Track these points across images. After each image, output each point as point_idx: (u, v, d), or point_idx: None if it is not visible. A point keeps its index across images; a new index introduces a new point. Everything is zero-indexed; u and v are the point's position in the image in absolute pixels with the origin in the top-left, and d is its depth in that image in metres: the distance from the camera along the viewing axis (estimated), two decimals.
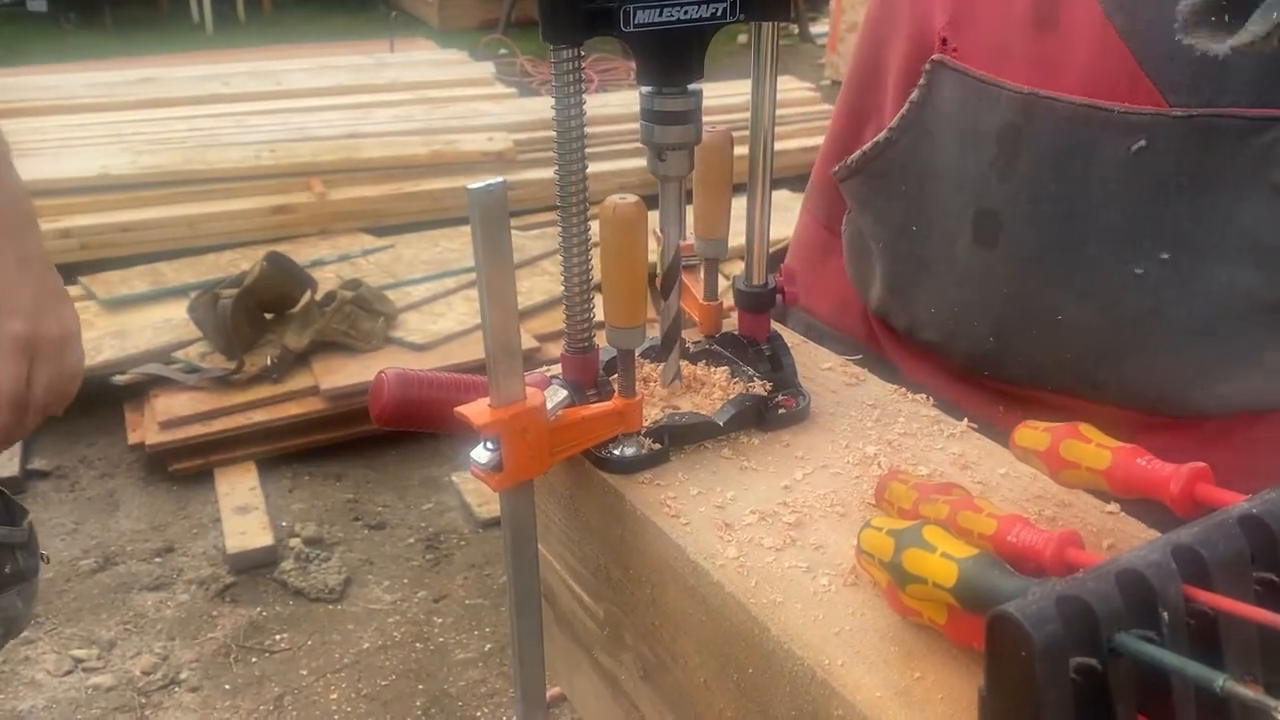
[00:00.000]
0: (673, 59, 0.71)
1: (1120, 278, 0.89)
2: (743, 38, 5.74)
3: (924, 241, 0.98)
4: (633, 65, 0.76)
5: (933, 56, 0.93)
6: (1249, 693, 0.43)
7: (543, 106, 4.91)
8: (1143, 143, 0.85)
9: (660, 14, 0.68)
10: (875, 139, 0.99)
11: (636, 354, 0.85)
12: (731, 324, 0.90)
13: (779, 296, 0.87)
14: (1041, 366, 0.94)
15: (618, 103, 4.83)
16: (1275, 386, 0.92)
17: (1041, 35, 0.87)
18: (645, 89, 0.74)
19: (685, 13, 0.69)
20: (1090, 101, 0.85)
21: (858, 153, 1.01)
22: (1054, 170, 0.89)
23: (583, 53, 0.68)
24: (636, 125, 0.75)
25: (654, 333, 0.83)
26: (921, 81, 0.94)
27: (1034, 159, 0.89)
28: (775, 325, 0.87)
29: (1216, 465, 0.64)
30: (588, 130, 0.72)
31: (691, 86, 0.73)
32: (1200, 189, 0.86)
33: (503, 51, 6.95)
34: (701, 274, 0.90)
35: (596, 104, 4.78)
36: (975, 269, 0.94)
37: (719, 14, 0.70)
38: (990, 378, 0.98)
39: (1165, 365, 0.92)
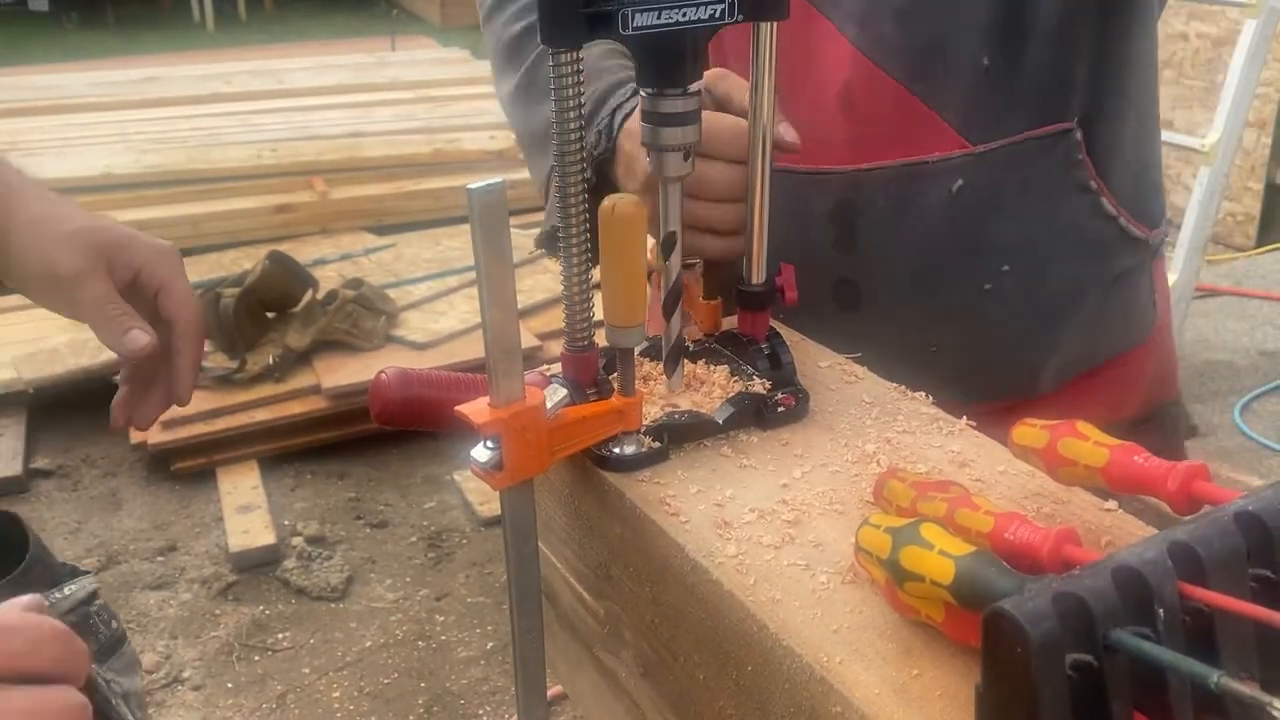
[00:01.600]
0: (672, 61, 0.71)
1: (973, 298, 1.02)
2: None
3: (792, 318, 1.02)
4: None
5: None
6: (1244, 689, 0.43)
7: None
8: (960, 182, 0.98)
9: (659, 16, 0.69)
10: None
11: (636, 352, 0.85)
12: (731, 322, 0.90)
13: (778, 295, 0.87)
14: (929, 390, 1.00)
15: None
16: (1104, 342, 1.10)
17: (851, 117, 0.99)
18: (645, 91, 0.74)
19: (683, 14, 0.69)
20: (908, 161, 0.98)
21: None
22: (889, 230, 1.01)
23: (581, 54, 0.68)
24: None
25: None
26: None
27: (870, 226, 1.01)
28: (774, 323, 0.88)
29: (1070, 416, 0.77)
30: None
31: (691, 87, 0.73)
32: (1020, 205, 1.00)
33: None
34: (699, 273, 0.90)
35: None
36: (845, 332, 1.02)
37: (717, 15, 0.71)
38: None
39: (1025, 359, 1.06)
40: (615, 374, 0.78)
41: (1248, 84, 3.04)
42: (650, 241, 0.76)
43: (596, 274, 0.74)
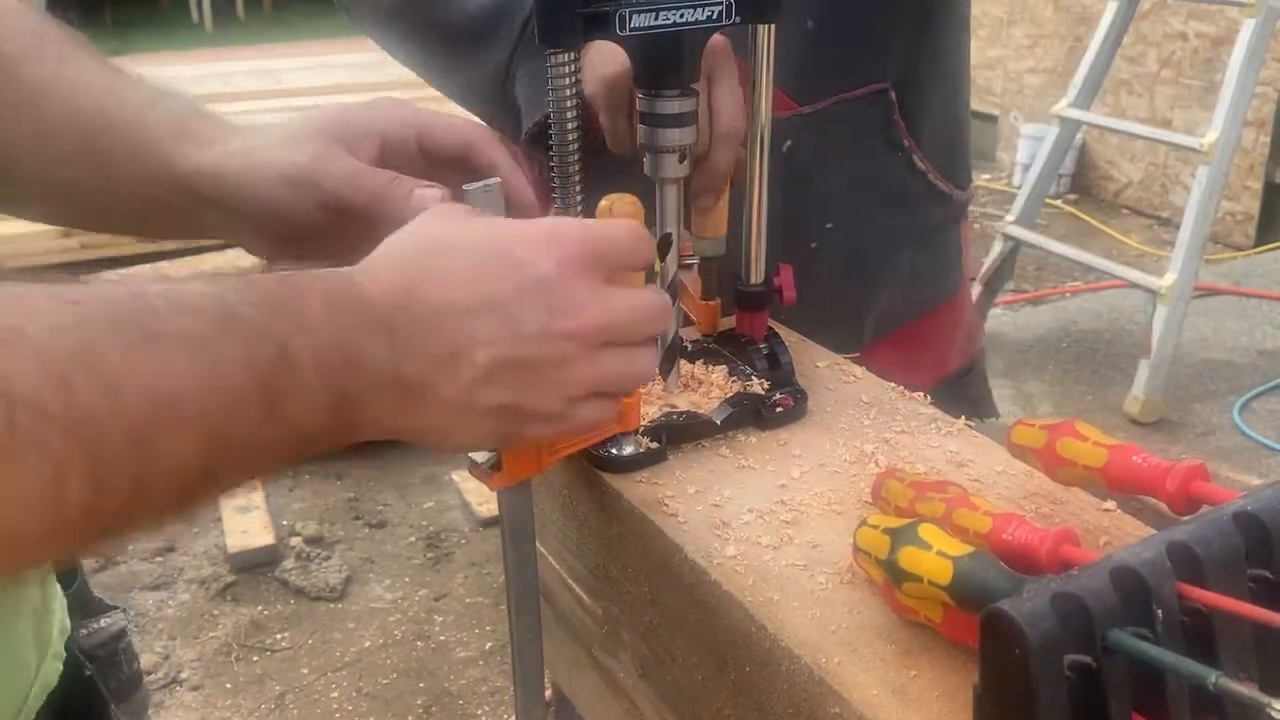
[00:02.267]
0: (669, 62, 0.71)
1: (803, 255, 1.02)
2: None
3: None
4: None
5: None
6: (1242, 689, 0.43)
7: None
8: (790, 142, 1.01)
9: (656, 18, 0.69)
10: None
11: None
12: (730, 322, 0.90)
13: (776, 295, 0.87)
14: None
15: None
16: (920, 295, 1.17)
17: None
18: (642, 92, 0.74)
19: (681, 16, 0.69)
20: None
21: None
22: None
23: (577, 54, 0.68)
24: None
25: None
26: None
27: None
28: (772, 324, 0.88)
29: (889, 372, 0.88)
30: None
31: (689, 88, 0.73)
32: (841, 162, 1.05)
33: None
34: (696, 273, 0.90)
35: None
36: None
37: (714, 17, 0.71)
38: None
39: (850, 314, 1.11)
40: None
41: (1246, 83, 3.04)
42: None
43: None
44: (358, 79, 5.63)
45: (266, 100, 5.21)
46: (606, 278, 0.60)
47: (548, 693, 0.86)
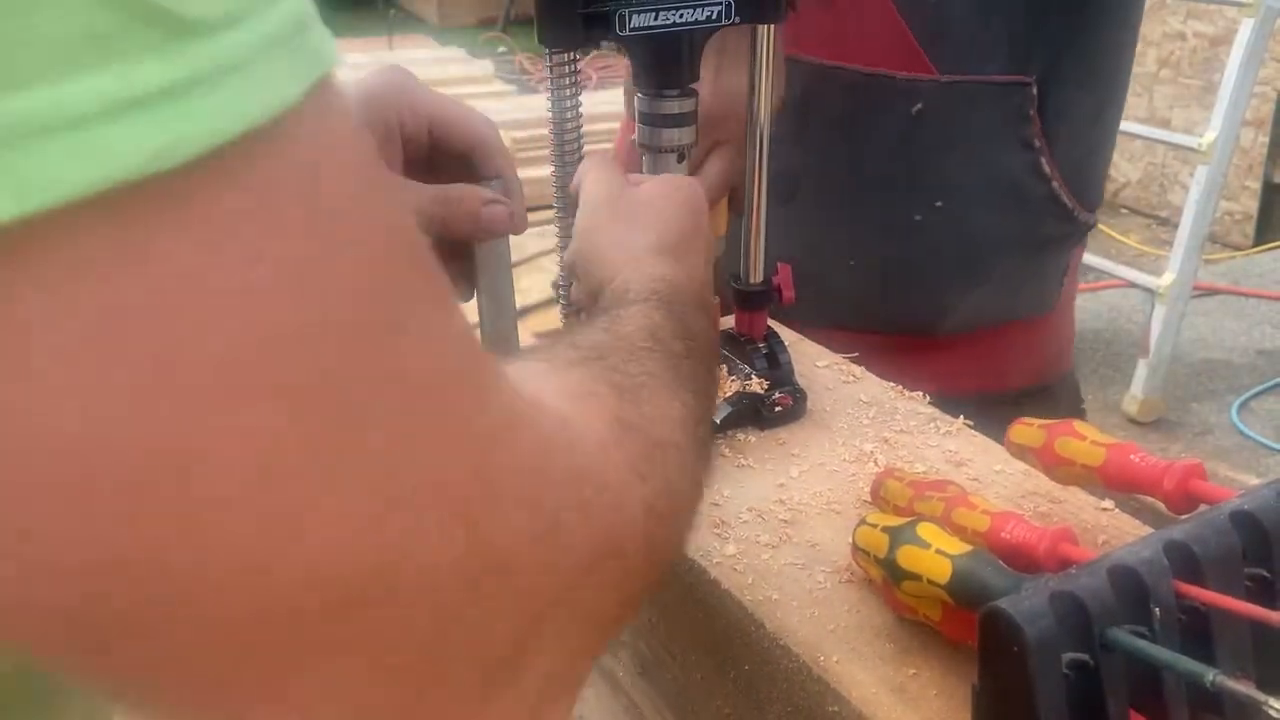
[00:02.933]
0: (669, 62, 0.71)
1: (902, 225, 1.03)
2: None
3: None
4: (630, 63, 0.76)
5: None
6: (1240, 687, 0.43)
7: (541, 104, 4.90)
8: (920, 106, 0.99)
9: (656, 18, 0.69)
10: None
11: None
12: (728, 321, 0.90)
13: (776, 294, 0.87)
14: (837, 306, 1.07)
15: (616, 100, 4.84)
16: (1011, 303, 1.12)
17: (826, 12, 1.00)
18: (642, 92, 0.74)
19: (681, 16, 0.69)
20: (875, 71, 0.99)
21: None
22: (843, 133, 1.02)
23: (578, 55, 0.69)
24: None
25: None
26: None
27: (825, 124, 1.02)
28: (772, 323, 0.88)
29: (959, 371, 0.92)
30: (586, 128, 0.72)
31: (689, 89, 0.73)
32: (967, 145, 1.02)
33: (501, 49, 6.95)
34: None
35: (595, 101, 4.78)
36: (773, 224, 1.04)
37: (714, 17, 0.71)
38: (790, 320, 1.09)
39: (936, 297, 1.09)
40: None
41: (1245, 83, 3.04)
42: None
43: None
44: (355, 78, 5.63)
45: None
46: None
47: None
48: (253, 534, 0.24)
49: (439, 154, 0.70)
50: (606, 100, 4.77)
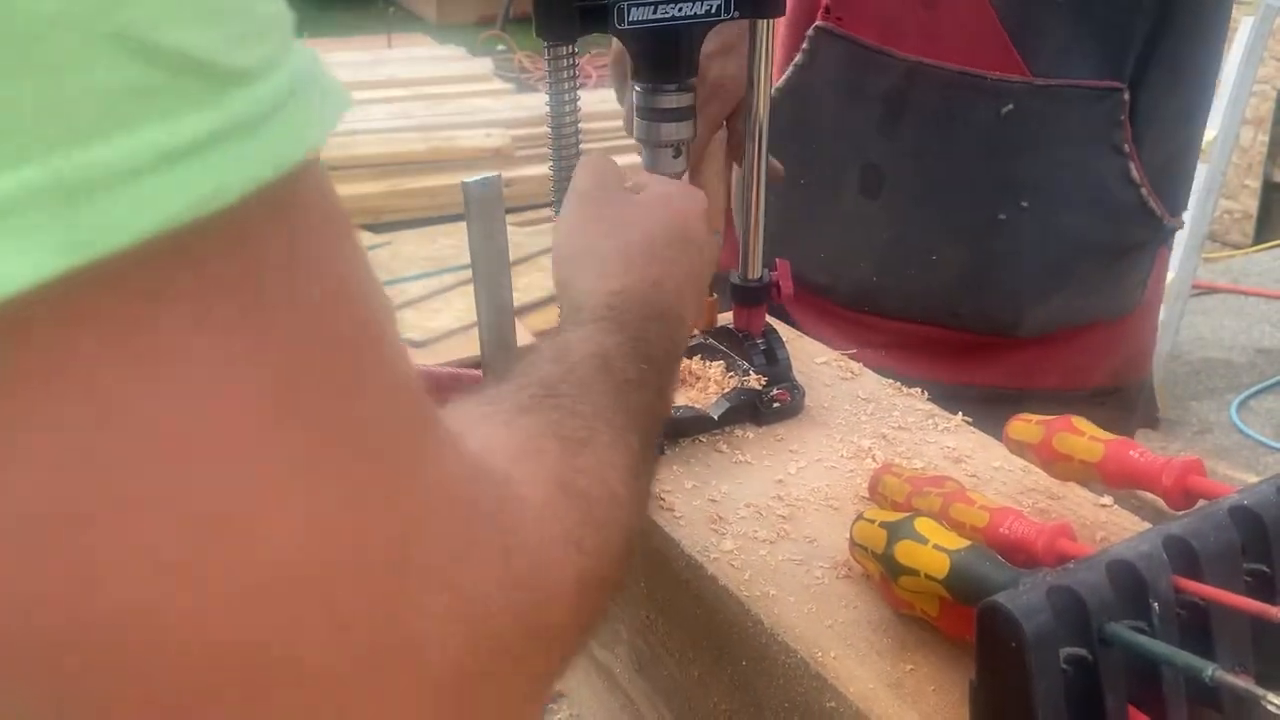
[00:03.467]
0: (667, 56, 0.71)
1: (987, 223, 1.04)
2: None
3: (811, 193, 1.09)
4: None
5: (816, 24, 1.04)
6: (1238, 682, 0.43)
7: (540, 102, 4.90)
8: (1011, 106, 1.00)
9: (654, 11, 0.68)
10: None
11: None
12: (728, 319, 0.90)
13: (774, 290, 0.87)
14: (914, 301, 1.09)
15: (615, 97, 4.84)
16: (1092, 305, 1.12)
17: (928, 10, 1.01)
18: (640, 86, 0.74)
19: (679, 9, 0.69)
20: (968, 70, 1.00)
21: None
22: (933, 130, 1.03)
23: (577, 49, 0.68)
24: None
25: None
26: (805, 47, 1.05)
27: (917, 120, 1.03)
28: (770, 319, 0.88)
29: (1036, 369, 0.96)
30: (584, 126, 0.72)
31: (687, 83, 0.73)
32: (1055, 147, 1.02)
33: (500, 47, 6.95)
34: None
35: (594, 99, 4.78)
36: (859, 217, 1.07)
37: (713, 10, 0.70)
38: (870, 313, 1.11)
39: (1016, 296, 1.08)
40: None
41: (1244, 81, 3.04)
42: None
43: None
44: (354, 77, 5.62)
45: None
46: None
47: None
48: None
49: None
50: (605, 99, 4.78)
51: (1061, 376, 1.13)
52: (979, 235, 1.05)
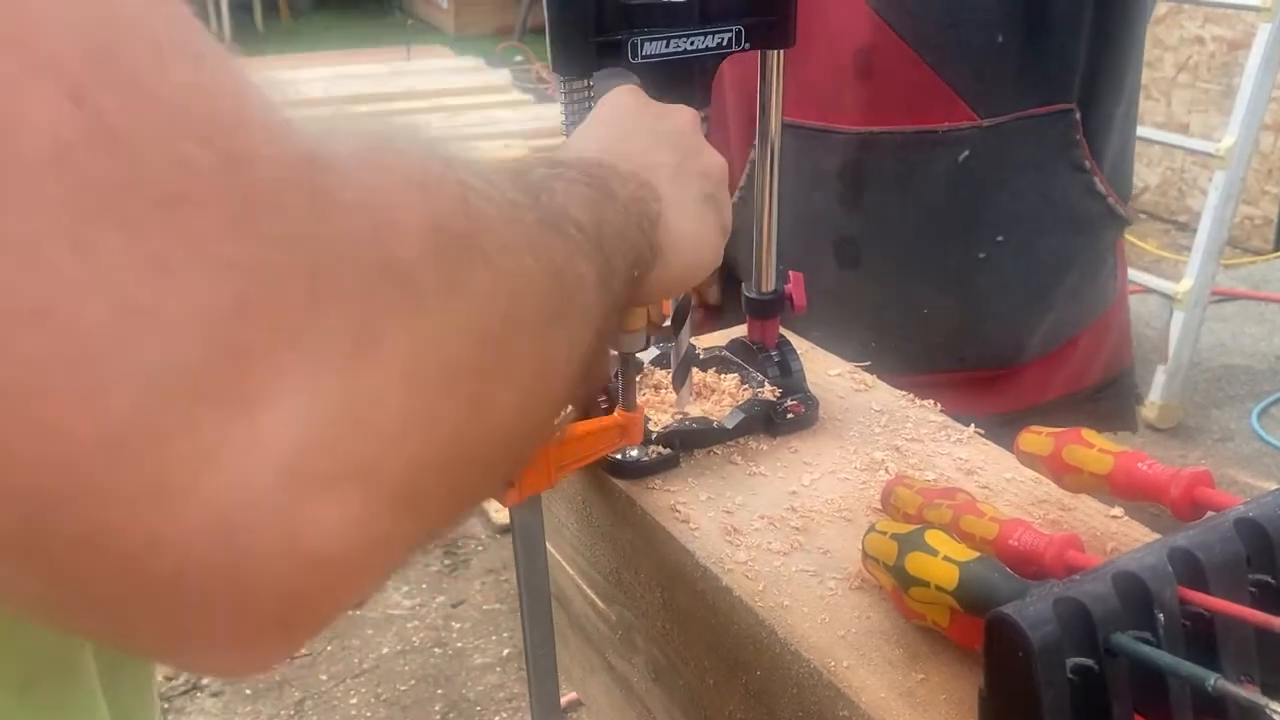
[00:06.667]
0: (680, 88, 0.72)
1: (967, 265, 1.06)
2: None
3: (789, 262, 1.08)
4: None
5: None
6: (1242, 692, 0.44)
7: (558, 113, 4.92)
8: (966, 152, 1.03)
9: (667, 45, 0.70)
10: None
11: (646, 362, 0.86)
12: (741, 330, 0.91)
13: (788, 303, 0.88)
14: (917, 355, 1.11)
15: None
16: (1080, 312, 1.15)
17: (864, 81, 1.03)
18: None
19: (691, 43, 0.71)
20: (919, 128, 1.02)
21: None
22: (895, 192, 1.05)
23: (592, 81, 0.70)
24: None
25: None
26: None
27: (877, 186, 1.05)
28: (783, 331, 0.89)
29: (1042, 387, 1.01)
30: None
31: (699, 114, 0.74)
32: (1019, 178, 1.05)
33: (518, 58, 6.98)
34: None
35: None
36: (844, 289, 1.09)
37: (725, 44, 0.72)
38: (877, 371, 1.10)
39: (1012, 328, 1.10)
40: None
41: (1263, 87, 3.03)
42: None
43: None
44: (374, 89, 5.66)
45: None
46: None
47: (568, 698, 0.87)
48: None
49: None
50: None
51: (1065, 384, 1.17)
52: (964, 279, 1.08)
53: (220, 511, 0.26)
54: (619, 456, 0.76)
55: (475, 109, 5.33)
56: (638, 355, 0.76)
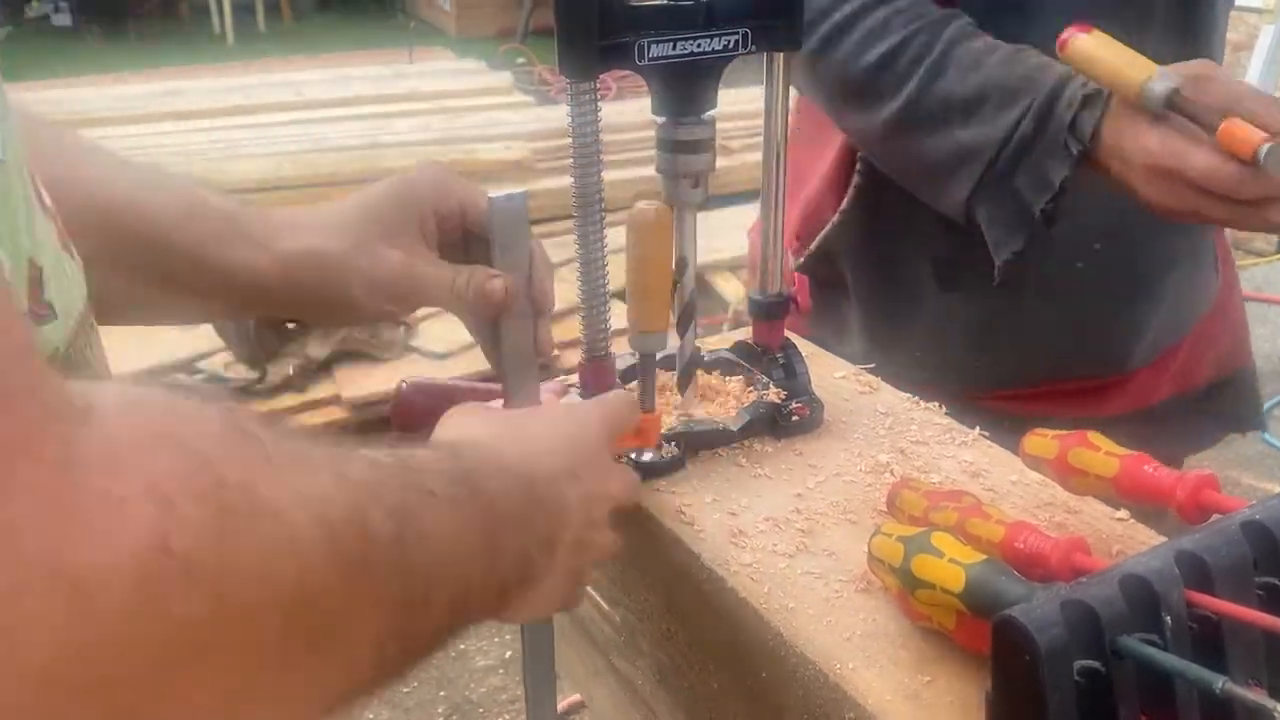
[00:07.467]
0: (687, 90, 0.72)
1: (1069, 275, 1.03)
2: None
3: (893, 297, 1.10)
4: None
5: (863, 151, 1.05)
6: (1249, 694, 0.44)
7: (560, 115, 4.91)
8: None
9: (674, 47, 0.70)
10: (825, 231, 1.10)
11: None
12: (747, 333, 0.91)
13: (792, 305, 0.88)
14: (1026, 367, 1.09)
15: (634, 110, 4.85)
16: (1187, 310, 1.13)
17: None
18: (660, 119, 0.75)
19: (698, 45, 0.71)
20: None
21: (814, 246, 1.12)
22: None
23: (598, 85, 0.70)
24: (652, 132, 0.76)
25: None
26: (859, 168, 1.06)
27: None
28: (788, 333, 0.89)
29: (1151, 390, 1.01)
30: (604, 138, 0.73)
31: (706, 115, 0.74)
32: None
33: (520, 60, 6.99)
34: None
35: (613, 111, 4.80)
36: (945, 310, 1.07)
37: (731, 46, 0.72)
38: (985, 393, 1.09)
39: (1117, 336, 1.09)
40: (634, 383, 0.79)
41: (1266, 88, 3.04)
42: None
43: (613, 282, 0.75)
44: (376, 90, 5.67)
45: (287, 112, 5.26)
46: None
47: (571, 700, 0.87)
48: None
49: (469, 236, 0.74)
50: (623, 110, 4.80)
51: (1175, 384, 1.15)
52: (1064, 290, 1.05)
53: None
54: (626, 459, 0.76)
55: (477, 111, 5.33)
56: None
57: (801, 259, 1.13)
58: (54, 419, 0.29)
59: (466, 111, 5.30)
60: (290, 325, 0.80)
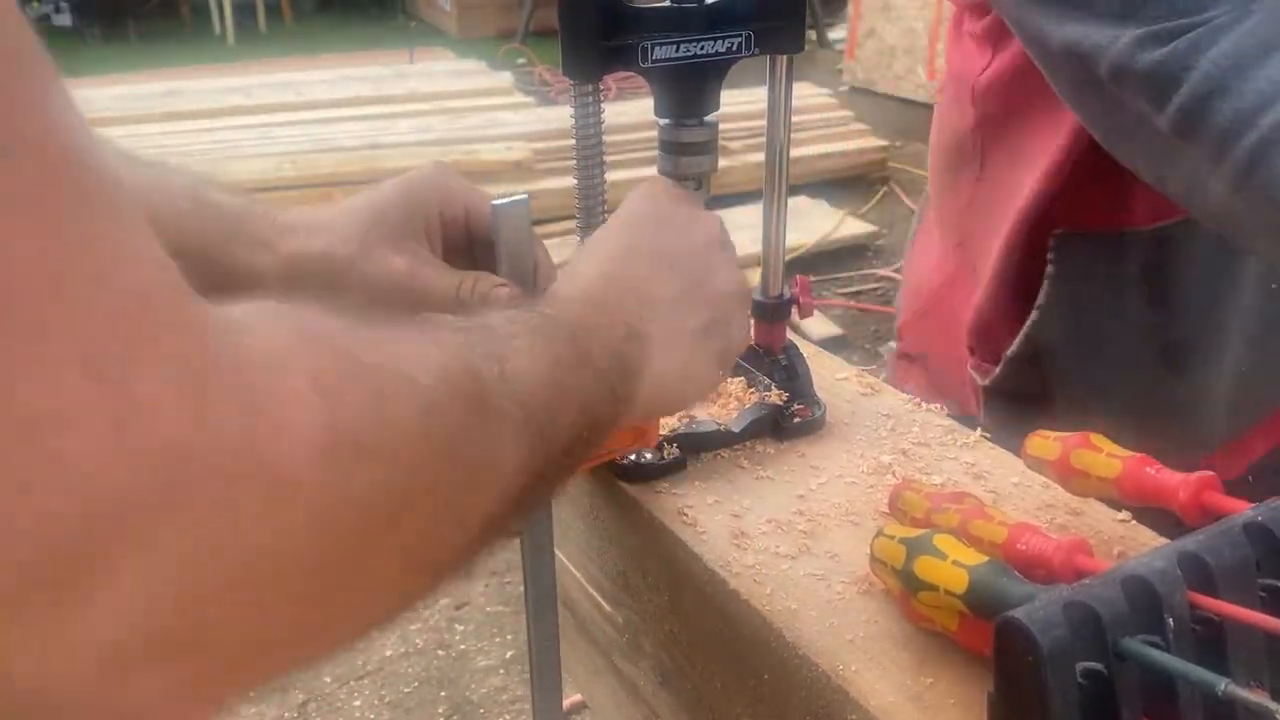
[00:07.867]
0: (690, 92, 0.73)
1: (1262, 330, 0.99)
2: None
3: (1102, 374, 1.04)
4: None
5: (1055, 232, 0.99)
6: (1251, 697, 0.44)
7: (561, 116, 4.92)
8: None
9: (677, 50, 0.70)
10: (1024, 331, 1.02)
11: None
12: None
13: (794, 307, 0.88)
14: (1222, 432, 1.04)
15: (636, 110, 4.86)
16: None
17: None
18: (663, 121, 0.75)
19: (702, 48, 0.71)
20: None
21: (1014, 346, 1.03)
22: (1200, 281, 0.97)
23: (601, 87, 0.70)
24: (654, 133, 0.77)
25: None
26: (1051, 257, 0.99)
27: (1181, 281, 0.97)
28: (791, 335, 0.89)
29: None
30: (606, 139, 0.73)
31: (708, 118, 0.74)
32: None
33: (521, 61, 6.99)
34: None
35: (615, 112, 4.80)
36: (1178, 394, 1.01)
37: (735, 49, 0.72)
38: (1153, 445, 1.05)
39: (1260, 381, 1.03)
40: None
41: None
42: None
43: None
44: (376, 91, 5.67)
45: (287, 113, 5.26)
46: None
47: (572, 701, 0.87)
48: None
49: (473, 238, 0.74)
50: (625, 111, 4.81)
51: None
52: (1260, 342, 1.01)
53: (34, 695, 0.28)
54: (626, 460, 0.77)
55: (478, 111, 5.33)
56: None
57: (992, 375, 1.06)
58: (223, 332, 0.32)
59: (467, 112, 5.31)
60: None
